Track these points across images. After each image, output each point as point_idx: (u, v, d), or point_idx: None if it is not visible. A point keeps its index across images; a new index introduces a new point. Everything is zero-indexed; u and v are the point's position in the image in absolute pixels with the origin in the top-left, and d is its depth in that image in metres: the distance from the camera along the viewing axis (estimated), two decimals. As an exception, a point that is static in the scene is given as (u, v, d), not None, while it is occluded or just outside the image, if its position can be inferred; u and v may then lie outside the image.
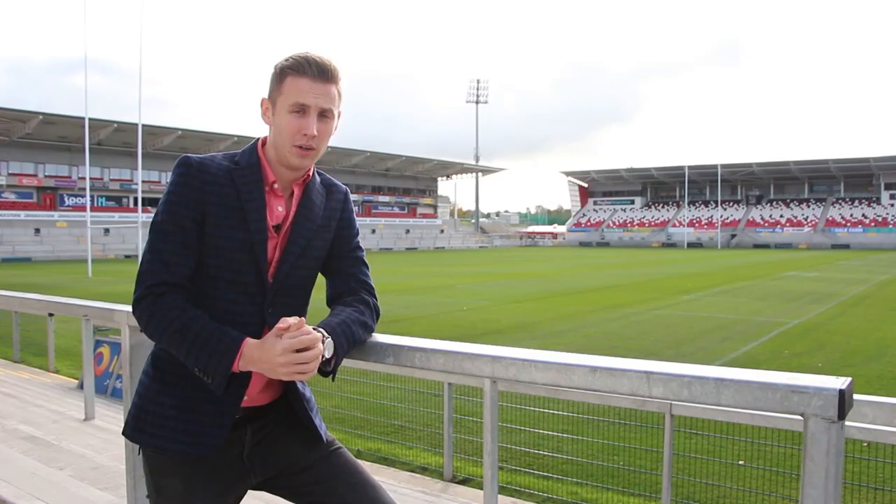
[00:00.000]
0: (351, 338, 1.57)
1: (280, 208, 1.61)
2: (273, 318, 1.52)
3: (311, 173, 1.66)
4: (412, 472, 5.20)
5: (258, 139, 1.65)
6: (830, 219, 77.89)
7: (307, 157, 1.56)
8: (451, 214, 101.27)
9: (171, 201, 1.54)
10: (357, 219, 1.82)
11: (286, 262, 1.60)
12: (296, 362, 1.42)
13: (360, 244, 1.77)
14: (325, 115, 1.55)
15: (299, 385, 1.69)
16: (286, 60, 1.55)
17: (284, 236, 1.61)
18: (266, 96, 1.59)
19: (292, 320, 1.44)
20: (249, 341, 1.47)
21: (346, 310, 1.62)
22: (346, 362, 1.66)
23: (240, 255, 1.55)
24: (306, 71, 1.52)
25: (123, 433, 1.63)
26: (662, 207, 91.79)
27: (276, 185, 1.60)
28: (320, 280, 1.74)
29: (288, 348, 1.41)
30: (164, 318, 1.48)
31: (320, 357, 1.46)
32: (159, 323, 1.49)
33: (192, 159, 1.58)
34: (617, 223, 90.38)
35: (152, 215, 1.61)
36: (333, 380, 1.57)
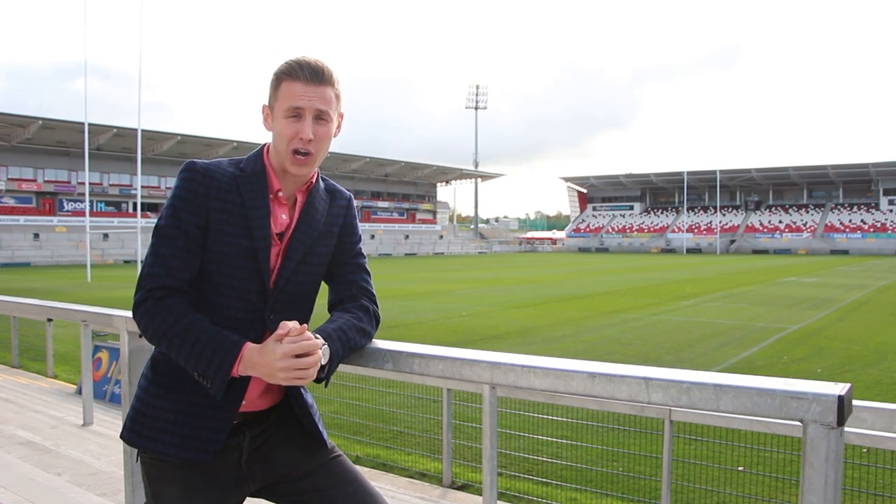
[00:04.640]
0: (347, 344, 1.57)
1: (284, 216, 1.61)
2: (274, 323, 1.51)
3: (314, 179, 1.66)
4: (411, 477, 5.19)
5: (264, 145, 1.65)
6: (829, 224, 77.96)
7: (304, 166, 1.56)
8: (451, 220, 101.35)
9: (176, 206, 1.54)
10: (356, 224, 1.83)
11: (287, 268, 1.60)
12: (295, 367, 1.42)
13: (363, 251, 1.77)
14: (321, 117, 1.55)
15: (301, 390, 1.69)
16: (281, 66, 1.56)
17: (286, 243, 1.60)
18: (266, 103, 1.60)
19: (292, 324, 1.44)
20: (249, 346, 1.47)
21: (345, 316, 1.62)
22: (346, 367, 1.66)
23: (242, 262, 1.55)
24: (299, 75, 1.52)
25: (121, 436, 1.63)
26: (661, 213, 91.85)
27: (280, 194, 1.60)
28: (324, 287, 1.74)
29: (287, 353, 1.41)
30: (165, 321, 1.48)
31: (319, 363, 1.46)
32: (159, 326, 1.49)
33: (197, 164, 1.57)
34: (616, 229, 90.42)
35: (151, 220, 1.61)
36: (326, 386, 1.57)
